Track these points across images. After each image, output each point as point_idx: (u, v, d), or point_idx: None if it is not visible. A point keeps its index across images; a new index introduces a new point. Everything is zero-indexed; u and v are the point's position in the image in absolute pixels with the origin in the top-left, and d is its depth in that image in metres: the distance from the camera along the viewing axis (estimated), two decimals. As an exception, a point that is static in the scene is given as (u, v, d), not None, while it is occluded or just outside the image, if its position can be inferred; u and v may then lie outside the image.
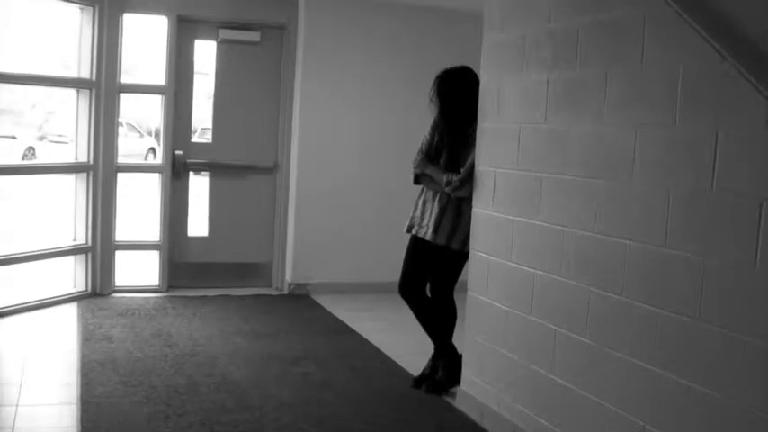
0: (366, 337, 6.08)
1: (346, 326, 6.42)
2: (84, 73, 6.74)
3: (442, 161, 4.85)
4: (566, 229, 3.81)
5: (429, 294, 5.03)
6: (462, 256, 4.85)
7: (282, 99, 7.51)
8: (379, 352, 5.73)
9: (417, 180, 4.99)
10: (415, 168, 4.96)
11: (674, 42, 3.18)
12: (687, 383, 3.08)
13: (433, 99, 4.88)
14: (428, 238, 4.86)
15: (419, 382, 5.01)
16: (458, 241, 4.80)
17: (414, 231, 4.99)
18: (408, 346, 5.63)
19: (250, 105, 7.47)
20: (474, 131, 4.65)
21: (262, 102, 7.49)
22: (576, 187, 3.74)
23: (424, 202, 4.96)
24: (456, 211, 4.81)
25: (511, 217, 4.26)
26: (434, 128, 4.95)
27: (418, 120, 5.08)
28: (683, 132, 3.14)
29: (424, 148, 4.95)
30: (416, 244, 5.00)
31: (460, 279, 4.92)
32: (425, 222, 4.90)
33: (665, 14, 3.20)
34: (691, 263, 3.07)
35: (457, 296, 4.95)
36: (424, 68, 5.13)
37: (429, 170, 4.88)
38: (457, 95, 4.83)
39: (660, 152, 3.25)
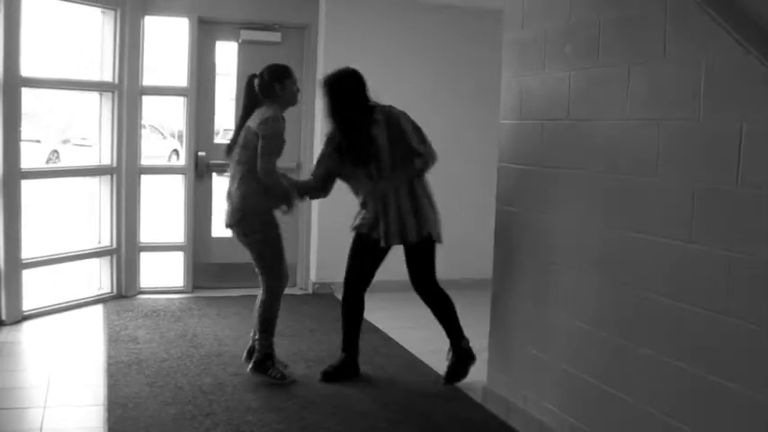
0: (390, 335, 6.09)
1: (370, 324, 6.41)
2: (107, 76, 6.79)
3: (372, 167, 4.83)
4: (590, 225, 3.79)
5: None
6: (426, 242, 4.86)
7: (304, 99, 7.51)
8: (403, 350, 5.74)
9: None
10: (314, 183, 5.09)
11: (697, 36, 3.16)
12: (715, 380, 3.05)
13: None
14: (397, 242, 4.87)
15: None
16: (411, 233, 4.82)
17: (381, 241, 4.92)
18: (432, 343, 5.62)
19: (271, 105, 7.46)
20: (373, 120, 4.75)
21: (283, 102, 7.49)
22: (600, 183, 3.72)
23: (367, 204, 4.98)
24: (396, 205, 4.82)
25: (534, 214, 4.24)
26: (331, 140, 4.97)
27: (441, 119, 5.07)
28: (708, 127, 3.11)
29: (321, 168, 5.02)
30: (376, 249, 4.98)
31: (484, 277, 4.90)
32: (386, 228, 4.86)
33: (687, 7, 3.18)
34: (716, 258, 3.05)
35: (481, 294, 4.93)
36: (447, 66, 5.11)
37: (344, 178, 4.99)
38: (339, 101, 4.90)
39: (684, 147, 3.23)
